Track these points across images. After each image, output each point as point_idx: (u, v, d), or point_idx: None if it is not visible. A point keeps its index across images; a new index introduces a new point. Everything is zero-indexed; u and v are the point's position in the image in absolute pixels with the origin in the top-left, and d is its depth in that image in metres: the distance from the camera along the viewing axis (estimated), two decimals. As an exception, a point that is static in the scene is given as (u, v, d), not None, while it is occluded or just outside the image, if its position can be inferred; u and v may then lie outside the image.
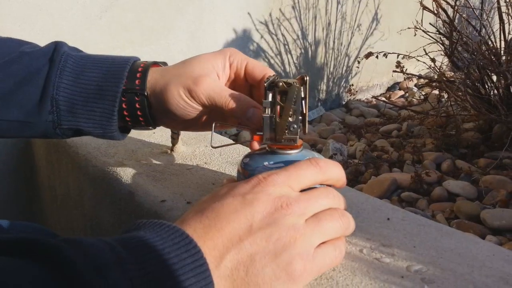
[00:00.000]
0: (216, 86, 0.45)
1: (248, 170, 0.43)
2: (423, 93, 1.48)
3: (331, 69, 1.98)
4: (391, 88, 2.31)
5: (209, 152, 0.68)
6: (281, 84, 0.42)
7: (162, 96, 0.45)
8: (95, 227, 0.73)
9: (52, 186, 0.92)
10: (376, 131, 1.56)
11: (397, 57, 1.24)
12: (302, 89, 0.42)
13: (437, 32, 1.31)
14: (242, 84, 0.49)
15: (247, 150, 0.67)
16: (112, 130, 0.46)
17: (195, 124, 0.50)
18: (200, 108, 0.46)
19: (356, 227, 0.40)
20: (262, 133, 0.44)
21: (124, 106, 0.46)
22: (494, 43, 1.21)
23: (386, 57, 1.27)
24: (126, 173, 0.62)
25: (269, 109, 0.43)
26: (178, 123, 0.49)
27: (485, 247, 0.42)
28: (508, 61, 1.15)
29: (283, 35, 1.71)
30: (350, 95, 2.09)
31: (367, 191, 1.09)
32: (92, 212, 0.73)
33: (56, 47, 0.47)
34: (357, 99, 2.13)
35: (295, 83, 0.42)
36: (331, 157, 1.28)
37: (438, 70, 1.25)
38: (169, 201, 0.53)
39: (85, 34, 1.03)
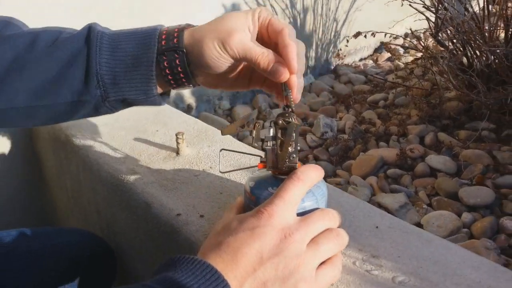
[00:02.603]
0: (247, 40, 0.50)
1: (254, 195, 0.49)
2: (409, 67, 1.53)
3: (320, 35, 1.99)
4: (378, 50, 2.34)
5: (213, 154, 0.74)
6: (280, 122, 0.48)
7: (198, 49, 0.50)
8: (111, 225, 0.79)
9: (63, 183, 0.97)
10: (363, 101, 1.62)
11: (385, 36, 1.27)
12: (299, 125, 0.48)
13: (423, 6, 1.34)
14: (267, 41, 0.54)
15: (249, 158, 0.73)
16: (153, 94, 0.52)
17: (226, 79, 0.56)
18: (232, 60, 0.51)
19: (350, 237, 0.47)
20: (265, 161, 0.50)
21: (165, 64, 0.51)
22: (478, 22, 1.24)
23: (374, 36, 1.30)
24: (139, 182, 0.67)
25: (271, 142, 0.49)
26: (212, 78, 0.55)
27: (457, 253, 0.50)
28: (490, 37, 1.19)
29: (271, 5, 1.70)
30: (339, 60, 2.12)
31: (356, 168, 1.16)
32: (107, 211, 0.79)
33: (90, 28, 0.52)
34: (345, 64, 2.16)
35: (293, 119, 0.48)
36: (322, 135, 1.34)
37: (423, 46, 1.29)
38: (184, 214, 0.59)
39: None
